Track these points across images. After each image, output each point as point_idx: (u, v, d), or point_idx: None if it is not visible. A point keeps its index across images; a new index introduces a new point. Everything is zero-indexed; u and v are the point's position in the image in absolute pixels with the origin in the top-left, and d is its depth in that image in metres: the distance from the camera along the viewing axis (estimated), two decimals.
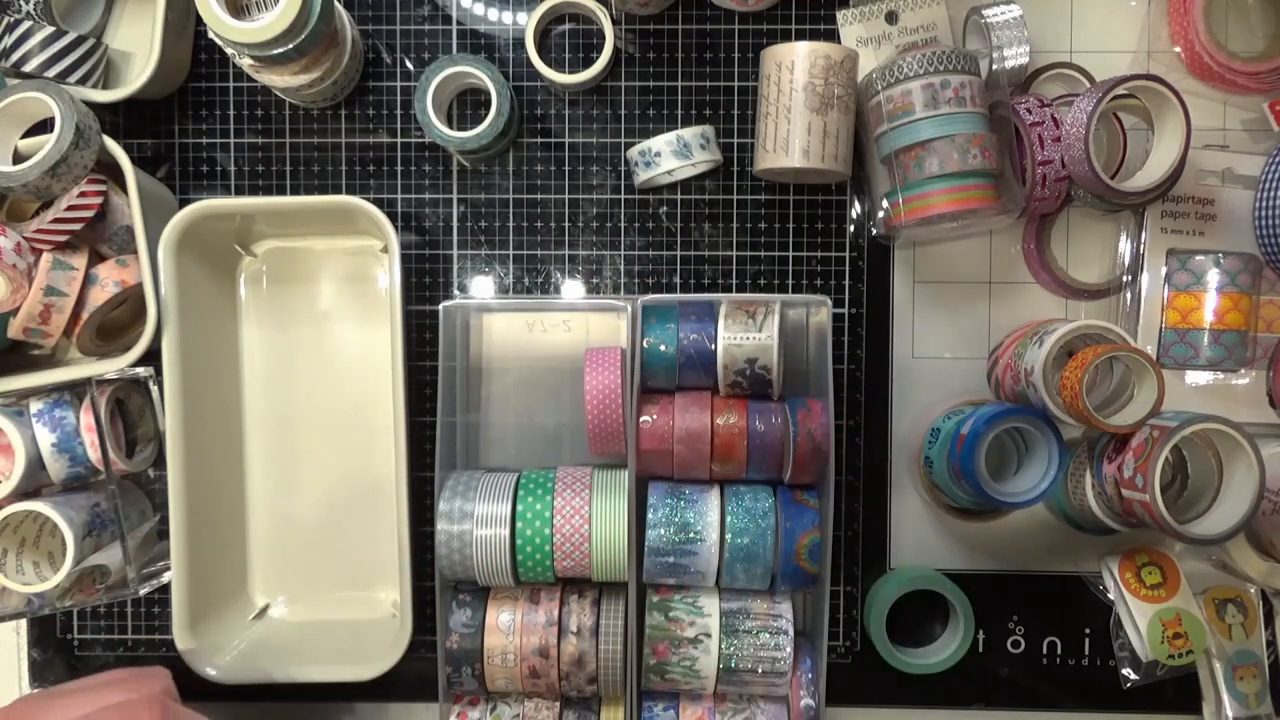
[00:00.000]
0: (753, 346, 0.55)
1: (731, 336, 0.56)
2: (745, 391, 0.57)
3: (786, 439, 0.56)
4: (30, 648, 0.64)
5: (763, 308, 0.56)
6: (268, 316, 0.65)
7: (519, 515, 0.53)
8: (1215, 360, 0.60)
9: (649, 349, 0.56)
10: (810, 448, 0.55)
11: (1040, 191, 0.58)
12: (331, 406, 0.64)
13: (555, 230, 0.64)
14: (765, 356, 0.56)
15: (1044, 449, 0.56)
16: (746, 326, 0.56)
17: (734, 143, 0.64)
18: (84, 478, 0.60)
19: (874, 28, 0.63)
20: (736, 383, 0.57)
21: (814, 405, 0.56)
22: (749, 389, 0.57)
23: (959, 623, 0.61)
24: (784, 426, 0.56)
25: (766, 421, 0.56)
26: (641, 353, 0.57)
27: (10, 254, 0.54)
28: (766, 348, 0.55)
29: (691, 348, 0.56)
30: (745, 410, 0.57)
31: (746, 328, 0.56)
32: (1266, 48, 0.62)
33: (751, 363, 0.56)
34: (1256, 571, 0.60)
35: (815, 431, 0.55)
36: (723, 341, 0.56)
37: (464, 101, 0.64)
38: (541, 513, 0.53)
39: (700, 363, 0.56)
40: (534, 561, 0.53)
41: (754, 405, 0.57)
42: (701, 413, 0.56)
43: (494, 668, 0.54)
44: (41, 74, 0.58)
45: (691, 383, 0.58)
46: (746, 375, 0.56)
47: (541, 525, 0.52)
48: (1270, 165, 0.58)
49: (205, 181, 0.64)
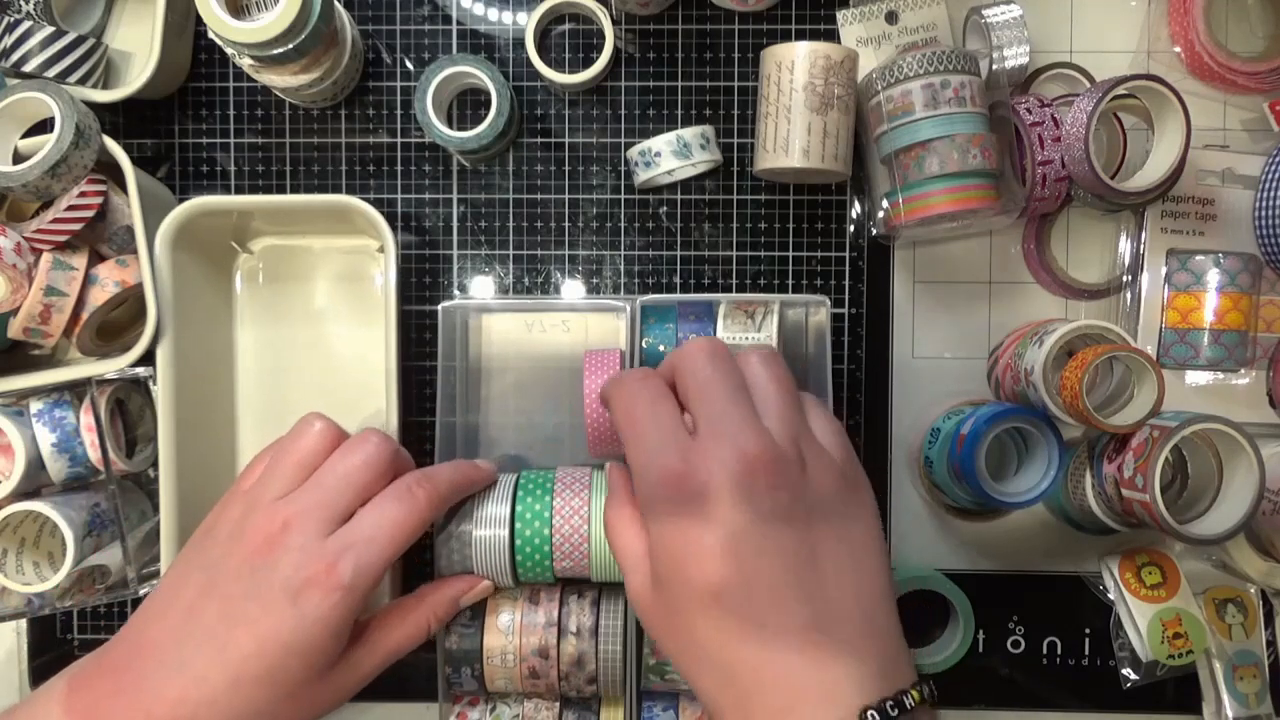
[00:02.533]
0: (752, 346, 0.55)
1: (730, 336, 0.56)
2: None
3: None
4: (30, 648, 0.64)
5: (762, 308, 0.56)
6: (264, 314, 0.65)
7: (518, 516, 0.53)
8: (1215, 360, 0.60)
9: (648, 349, 0.56)
10: None
11: (1040, 191, 0.58)
12: (327, 405, 0.63)
13: (555, 230, 0.64)
14: None
15: (1044, 449, 0.56)
16: (745, 326, 0.56)
17: (734, 143, 0.64)
18: (84, 478, 0.60)
19: (874, 28, 0.63)
20: None
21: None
22: None
23: (959, 623, 0.61)
24: None
25: None
26: (640, 353, 0.56)
27: (10, 254, 0.54)
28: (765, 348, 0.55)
29: None
30: None
31: (745, 328, 0.55)
32: (1266, 48, 0.62)
33: None
34: (1256, 571, 0.60)
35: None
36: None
37: (464, 101, 0.64)
38: (541, 513, 0.53)
39: None
40: (533, 562, 0.53)
41: None
42: None
43: (493, 668, 0.54)
44: (41, 74, 0.58)
45: None
46: None
47: (541, 526, 0.52)
48: (1270, 165, 0.58)
49: (205, 181, 0.64)
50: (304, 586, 0.44)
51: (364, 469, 0.48)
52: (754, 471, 0.40)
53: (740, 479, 0.40)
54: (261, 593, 0.44)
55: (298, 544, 0.45)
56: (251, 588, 0.45)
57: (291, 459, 0.49)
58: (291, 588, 0.44)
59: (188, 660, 0.44)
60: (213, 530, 0.49)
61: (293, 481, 0.48)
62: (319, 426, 0.50)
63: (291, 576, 0.45)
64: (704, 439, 0.42)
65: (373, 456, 0.49)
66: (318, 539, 0.46)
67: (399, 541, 0.47)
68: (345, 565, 0.45)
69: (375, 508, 0.48)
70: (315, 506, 0.47)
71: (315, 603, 0.44)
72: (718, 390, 0.43)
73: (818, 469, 0.42)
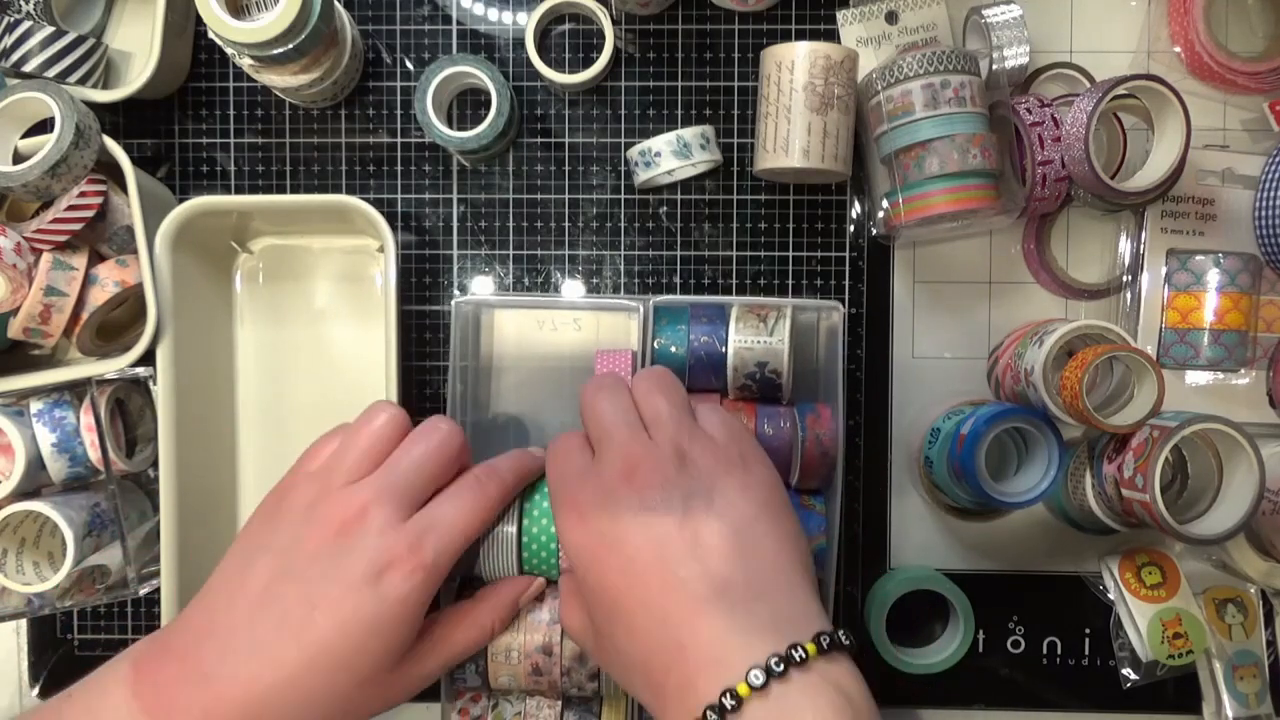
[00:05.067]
0: (763, 350, 0.56)
1: (742, 340, 0.56)
2: (754, 395, 0.57)
3: (794, 443, 0.56)
4: (30, 648, 0.64)
5: (774, 311, 0.56)
6: (264, 314, 0.65)
7: (526, 513, 0.53)
8: (1215, 360, 0.60)
9: (659, 350, 0.57)
10: (818, 453, 0.55)
11: (1040, 191, 0.58)
12: (327, 404, 0.64)
13: (555, 230, 0.64)
14: (776, 360, 0.56)
15: (1044, 449, 0.56)
16: (758, 330, 0.56)
17: (734, 143, 0.64)
18: (84, 478, 0.60)
19: (874, 28, 0.63)
20: (746, 385, 0.57)
21: (823, 410, 0.56)
22: (758, 392, 0.57)
23: (959, 623, 0.61)
24: (792, 431, 0.56)
25: (775, 425, 0.56)
26: (652, 353, 0.57)
27: (10, 254, 0.54)
28: (777, 352, 0.55)
29: (702, 350, 0.56)
30: (754, 413, 0.57)
31: (758, 331, 0.56)
32: (1266, 48, 0.62)
33: (762, 366, 0.56)
34: (1256, 571, 0.60)
35: (824, 437, 0.55)
36: (733, 344, 0.56)
37: (464, 101, 0.64)
38: (549, 510, 0.53)
39: (710, 365, 0.56)
40: (540, 559, 0.53)
41: (763, 409, 0.57)
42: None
43: (498, 664, 0.54)
44: (41, 74, 0.58)
45: (701, 384, 0.58)
46: (756, 379, 0.56)
47: (549, 524, 0.53)
48: (1270, 165, 0.58)
49: (205, 181, 0.64)
50: (386, 568, 0.45)
51: (436, 456, 0.49)
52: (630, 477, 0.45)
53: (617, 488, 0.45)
54: (343, 575, 0.44)
55: (376, 527, 0.46)
56: (331, 570, 0.45)
57: (361, 444, 0.49)
58: (374, 570, 0.44)
59: (262, 642, 0.43)
60: (279, 513, 0.48)
61: (363, 466, 0.48)
62: (389, 413, 0.50)
63: (374, 559, 0.45)
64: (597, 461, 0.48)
65: (444, 444, 0.49)
66: (396, 522, 0.46)
67: (473, 529, 0.48)
68: (428, 545, 0.46)
69: (451, 496, 0.49)
70: (391, 491, 0.47)
71: (396, 583, 0.45)
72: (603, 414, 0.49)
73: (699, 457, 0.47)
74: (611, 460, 0.47)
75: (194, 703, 0.42)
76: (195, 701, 0.42)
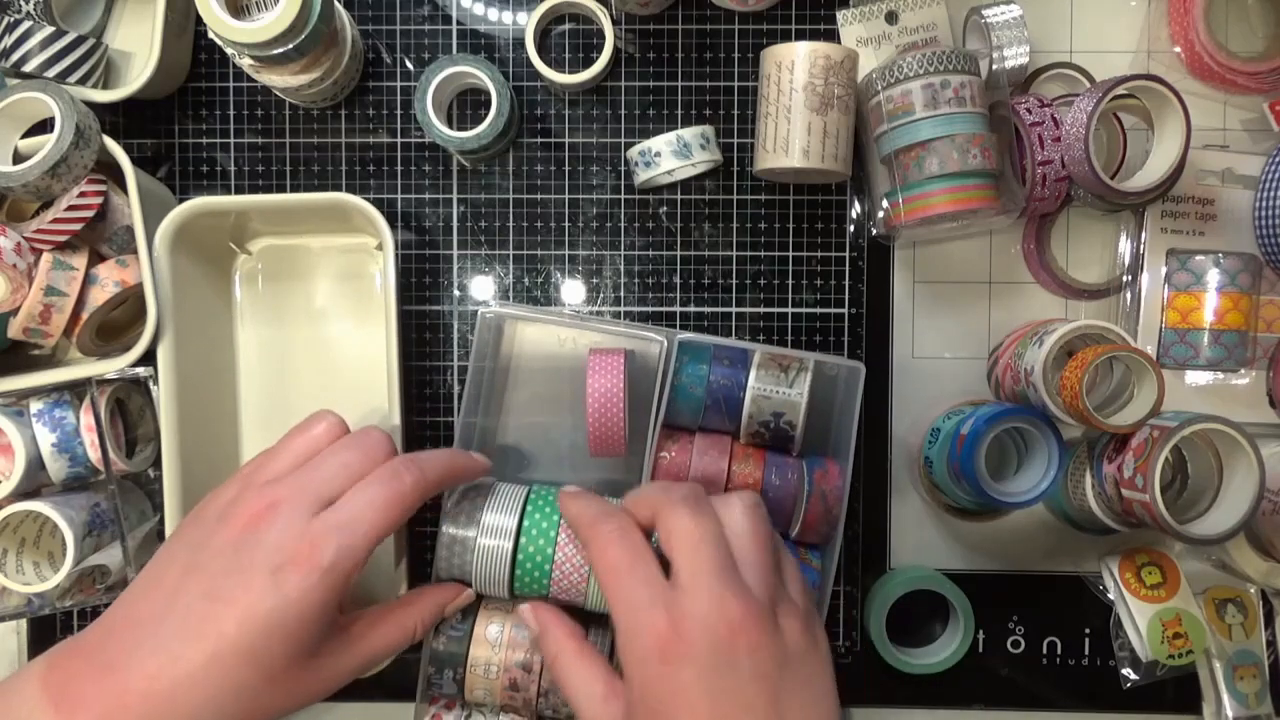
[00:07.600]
0: (781, 400, 0.55)
1: (761, 388, 0.56)
2: (765, 442, 0.57)
3: (800, 498, 0.56)
4: (30, 648, 0.64)
5: (796, 363, 0.56)
6: (263, 314, 0.65)
7: (524, 530, 0.52)
8: (1215, 360, 0.60)
9: (679, 387, 0.56)
10: (822, 509, 0.55)
11: (1040, 191, 0.58)
12: (327, 403, 0.63)
13: (555, 230, 0.64)
14: (792, 413, 0.56)
15: (1044, 449, 0.56)
16: (778, 380, 0.56)
17: (734, 143, 0.64)
18: (84, 478, 0.60)
19: (874, 28, 0.63)
20: (759, 433, 0.57)
21: (831, 467, 0.56)
22: (770, 440, 0.57)
23: (959, 623, 0.61)
24: (799, 484, 0.56)
25: (782, 476, 0.56)
26: (671, 390, 0.56)
27: (10, 254, 0.54)
28: (795, 404, 0.55)
29: (721, 391, 0.56)
30: (763, 461, 0.57)
31: (778, 381, 0.56)
32: (1266, 48, 0.62)
33: (777, 416, 0.56)
34: (1256, 571, 0.60)
35: (829, 494, 0.55)
36: (752, 391, 0.56)
37: (464, 101, 0.64)
38: (546, 531, 0.52)
39: (726, 408, 0.56)
40: (531, 579, 0.52)
41: (772, 458, 0.57)
42: (720, 457, 0.56)
43: (475, 677, 0.54)
44: (41, 74, 0.58)
45: (714, 425, 0.58)
46: (770, 428, 0.56)
47: (545, 544, 0.52)
48: (1270, 165, 0.58)
49: (205, 181, 0.64)
50: (285, 565, 0.44)
51: (360, 460, 0.48)
52: (735, 634, 0.43)
53: (724, 641, 0.43)
54: (243, 569, 0.44)
55: (282, 523, 0.45)
56: (233, 564, 0.45)
57: (294, 448, 0.49)
58: (272, 565, 0.44)
59: (166, 637, 0.43)
60: (202, 513, 0.49)
61: (289, 468, 0.48)
62: (328, 421, 0.51)
63: (273, 554, 0.44)
64: (688, 595, 0.44)
65: (371, 449, 0.49)
66: (303, 520, 0.45)
67: (383, 525, 0.47)
68: (327, 547, 0.45)
69: (361, 490, 0.47)
70: (304, 488, 0.47)
71: (295, 581, 0.44)
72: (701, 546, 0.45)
73: (789, 625, 0.45)
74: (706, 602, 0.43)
75: (98, 696, 0.42)
76: (100, 695, 0.42)
